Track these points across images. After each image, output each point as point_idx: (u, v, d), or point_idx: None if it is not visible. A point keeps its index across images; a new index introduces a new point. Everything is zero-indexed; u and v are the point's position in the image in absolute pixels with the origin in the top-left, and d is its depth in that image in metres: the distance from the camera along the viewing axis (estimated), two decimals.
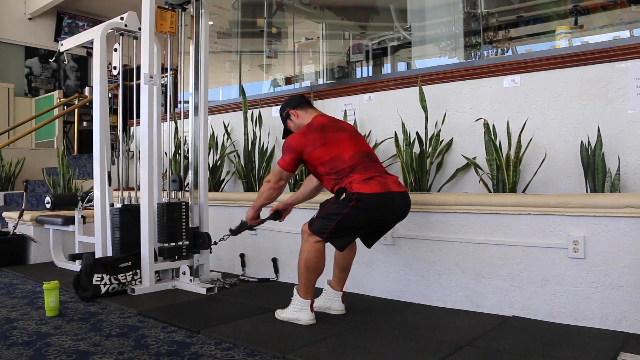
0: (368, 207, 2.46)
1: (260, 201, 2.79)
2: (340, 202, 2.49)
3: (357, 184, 2.48)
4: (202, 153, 3.58)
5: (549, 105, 3.00)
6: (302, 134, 2.68)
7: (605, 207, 2.45)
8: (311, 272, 2.52)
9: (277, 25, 5.89)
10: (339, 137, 2.64)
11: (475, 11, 4.30)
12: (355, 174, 2.52)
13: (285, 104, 2.88)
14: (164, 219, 3.38)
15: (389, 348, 2.23)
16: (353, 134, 2.74)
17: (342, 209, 2.46)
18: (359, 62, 5.33)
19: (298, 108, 2.81)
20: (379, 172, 2.59)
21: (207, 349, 2.23)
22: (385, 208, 2.52)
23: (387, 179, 2.57)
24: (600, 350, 2.16)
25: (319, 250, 2.51)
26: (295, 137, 2.68)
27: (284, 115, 2.86)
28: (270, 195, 2.74)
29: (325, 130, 2.65)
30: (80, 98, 7.42)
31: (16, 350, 2.22)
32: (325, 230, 2.48)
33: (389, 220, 2.63)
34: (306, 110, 2.81)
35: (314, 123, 2.71)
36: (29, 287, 3.55)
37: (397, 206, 2.57)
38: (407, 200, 2.62)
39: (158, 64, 3.61)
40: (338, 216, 2.46)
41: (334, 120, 2.78)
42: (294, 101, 2.86)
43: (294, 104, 2.84)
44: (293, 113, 2.81)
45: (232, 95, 5.60)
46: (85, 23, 8.54)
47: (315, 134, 2.64)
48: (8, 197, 6.18)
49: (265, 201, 2.79)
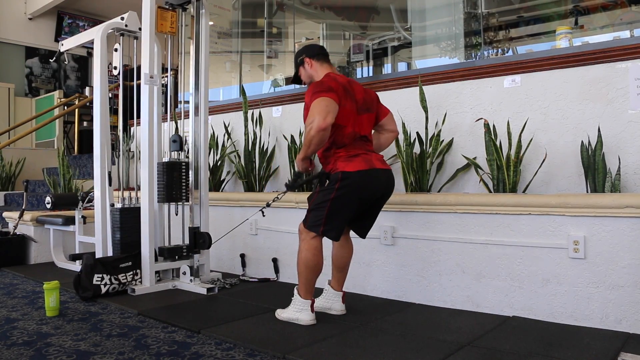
0: (354, 185, 2.49)
1: (312, 147, 2.48)
2: (326, 188, 2.53)
3: (342, 162, 2.52)
4: (202, 153, 3.58)
5: (550, 106, 2.99)
6: (334, 81, 2.55)
7: (606, 207, 2.45)
8: (310, 271, 2.53)
9: (277, 25, 5.89)
10: (349, 109, 2.57)
11: (475, 11, 4.30)
12: (343, 149, 2.55)
13: (303, 50, 2.80)
14: (164, 178, 3.38)
15: (390, 348, 2.23)
16: (359, 110, 2.62)
17: (329, 194, 2.49)
18: (359, 62, 5.32)
19: (314, 58, 2.74)
20: (365, 150, 2.60)
21: (208, 349, 2.23)
22: (370, 184, 2.55)
23: (372, 156, 2.59)
24: (600, 351, 2.16)
25: (316, 247, 2.52)
26: (332, 82, 2.54)
27: (298, 60, 2.79)
28: (322, 137, 2.43)
29: (347, 93, 2.57)
30: (80, 98, 7.42)
31: (16, 350, 2.22)
32: (319, 220, 2.49)
33: (375, 197, 2.62)
34: (321, 64, 2.74)
35: (340, 79, 2.61)
36: (29, 287, 3.55)
37: (382, 182, 2.60)
38: (391, 177, 2.65)
39: (158, 64, 3.61)
40: (327, 202, 2.48)
41: (350, 84, 2.66)
42: (312, 50, 2.77)
43: (311, 53, 2.75)
44: (308, 61, 2.74)
45: (233, 95, 5.61)
46: (85, 23, 8.54)
47: (342, 91, 2.54)
48: (8, 197, 6.18)
49: (317, 146, 2.49)
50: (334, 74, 2.68)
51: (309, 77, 2.76)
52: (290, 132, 4.00)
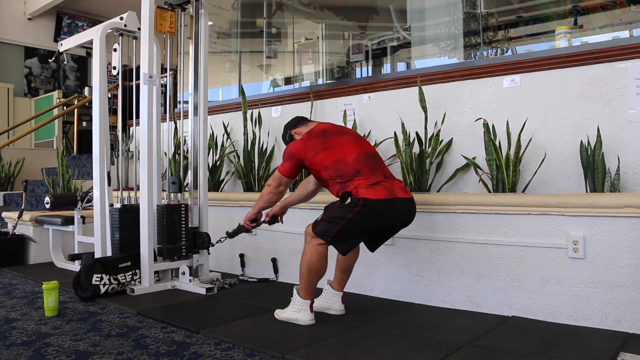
0: (373, 213, 2.44)
1: (260, 204, 2.81)
2: (346, 206, 2.47)
3: (363, 189, 2.45)
4: (201, 153, 3.58)
5: (549, 105, 3.00)
6: (303, 140, 2.67)
7: (605, 207, 2.45)
8: (313, 275, 2.52)
9: (276, 25, 5.88)
10: (341, 140, 2.62)
11: (474, 11, 4.30)
12: (360, 178, 2.49)
13: (284, 129, 2.88)
14: (164, 221, 3.38)
15: (389, 348, 2.23)
16: (356, 137, 2.73)
17: (347, 214, 2.44)
18: (358, 62, 5.32)
19: (298, 126, 2.80)
20: (384, 177, 2.56)
21: (207, 349, 2.23)
22: (390, 214, 2.51)
23: (393, 184, 2.54)
24: (600, 350, 2.16)
25: (321, 253, 2.50)
26: (296, 144, 2.67)
27: (287, 138, 2.85)
28: (269, 199, 2.76)
29: (327, 135, 2.64)
30: (79, 98, 7.42)
31: (15, 350, 2.22)
32: (329, 233, 2.47)
33: (394, 227, 2.61)
34: (306, 125, 2.79)
35: (315, 129, 2.70)
36: (28, 287, 3.55)
37: (402, 213, 2.56)
38: (413, 206, 2.60)
39: (158, 64, 3.61)
40: (342, 220, 2.44)
41: (335, 126, 2.78)
42: (292, 122, 2.86)
43: (292, 125, 2.84)
44: (295, 132, 2.80)
45: (232, 95, 5.60)
46: (84, 23, 8.53)
47: (316, 139, 2.63)
48: (7, 197, 6.18)
49: (265, 204, 2.81)
50: (321, 123, 2.79)
51: None
52: None
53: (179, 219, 3.43)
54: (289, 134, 2.84)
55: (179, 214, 3.44)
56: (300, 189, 2.91)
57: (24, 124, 7.11)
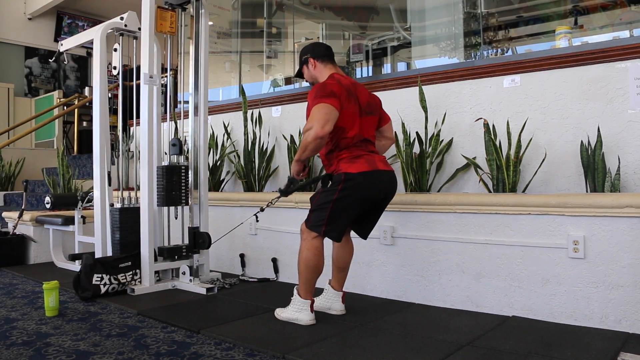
0: (357, 186, 2.49)
1: (307, 153, 2.50)
2: (329, 189, 2.52)
3: (345, 163, 2.51)
4: (202, 153, 3.58)
5: (549, 105, 2.99)
6: (338, 84, 2.53)
7: (605, 207, 2.45)
8: (310, 271, 2.52)
9: (277, 25, 5.88)
10: (352, 111, 2.56)
11: (475, 11, 4.30)
12: (346, 151, 2.54)
13: (308, 48, 2.76)
14: (164, 182, 3.37)
15: (389, 348, 2.23)
16: (362, 113, 2.61)
17: (332, 195, 2.48)
18: (359, 62, 5.32)
19: (319, 59, 2.71)
20: (368, 151, 2.59)
21: (207, 349, 2.23)
22: (373, 186, 2.55)
23: (374, 157, 2.58)
24: (600, 350, 2.16)
25: (317, 248, 2.51)
26: (335, 85, 2.52)
27: (302, 59, 2.76)
28: (317, 145, 2.44)
29: (350, 96, 2.55)
30: (80, 98, 7.42)
31: (16, 350, 2.22)
32: (321, 221, 2.49)
33: (378, 198, 2.61)
34: (325, 65, 2.71)
35: (343, 81, 2.58)
36: (28, 287, 3.55)
37: (384, 184, 2.59)
38: (394, 178, 2.65)
39: (158, 64, 3.61)
40: (329, 203, 2.48)
41: (355, 86, 2.64)
42: (318, 51, 2.73)
43: (316, 53, 2.72)
44: (312, 62, 2.72)
45: (232, 95, 5.60)
46: (85, 23, 8.53)
47: (346, 93, 2.52)
48: (8, 197, 6.18)
49: (312, 153, 2.51)
50: (338, 75, 2.66)
51: (311, 78, 2.75)
52: (290, 132, 4.00)
53: (179, 180, 3.43)
54: (307, 57, 2.72)
55: (179, 175, 3.43)
56: None
57: (25, 124, 7.11)
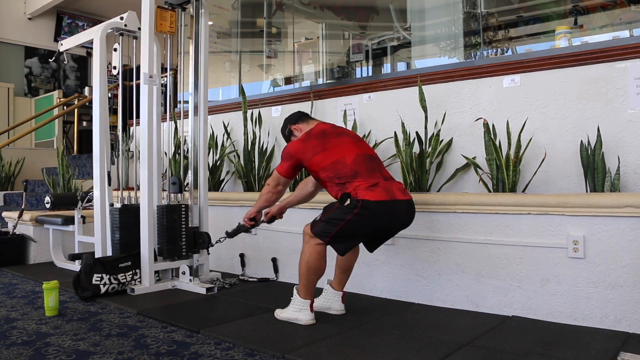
0: (372, 215, 2.43)
1: (259, 203, 2.84)
2: (345, 207, 2.45)
3: (362, 191, 2.44)
4: (201, 153, 3.58)
5: (549, 105, 3.00)
6: (302, 140, 2.67)
7: (605, 206, 2.45)
8: (312, 274, 2.52)
9: (276, 25, 5.89)
10: (340, 142, 2.62)
11: (475, 11, 4.30)
12: (359, 180, 2.48)
13: (284, 123, 2.87)
14: (164, 222, 3.38)
15: (389, 348, 2.23)
16: (355, 139, 2.72)
17: (346, 215, 2.43)
18: (358, 62, 5.33)
19: (298, 122, 2.79)
20: (383, 178, 2.55)
21: (207, 349, 2.23)
22: (389, 216, 2.50)
23: (392, 186, 2.53)
24: (600, 350, 2.16)
25: (320, 252, 2.50)
26: (295, 144, 2.67)
27: (286, 133, 2.84)
28: (269, 198, 2.79)
29: (326, 136, 2.64)
30: (80, 98, 7.43)
31: (16, 350, 2.22)
32: (327, 234, 2.46)
33: (393, 229, 2.61)
34: (307, 122, 2.79)
35: (314, 130, 2.70)
36: (28, 287, 3.55)
37: (402, 214, 2.55)
38: (412, 208, 2.59)
39: (158, 64, 3.61)
40: (341, 222, 2.43)
41: (335, 127, 2.77)
42: (293, 117, 2.85)
43: (293, 120, 2.83)
44: (295, 128, 2.79)
45: (232, 95, 5.60)
46: (85, 23, 8.53)
47: (315, 140, 2.63)
48: (8, 197, 6.18)
49: (264, 204, 2.84)
50: (321, 123, 2.78)
51: None
52: None
53: (179, 220, 3.43)
54: (289, 128, 2.82)
55: (179, 214, 3.44)
56: (299, 190, 2.92)
57: (24, 124, 7.11)
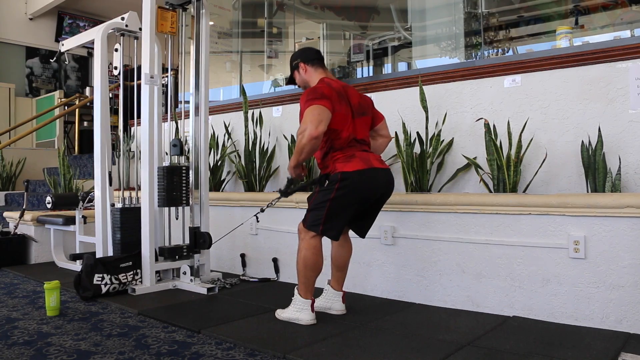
0: (353, 185, 2.49)
1: (303, 156, 2.50)
2: (325, 188, 2.53)
3: (340, 164, 2.52)
4: (202, 153, 3.58)
5: (550, 105, 2.99)
6: (328, 87, 2.56)
7: (606, 207, 2.45)
8: (309, 270, 2.53)
9: (277, 25, 5.89)
10: (344, 113, 2.57)
11: (475, 11, 4.30)
12: (338, 152, 2.56)
13: (298, 53, 2.80)
14: (165, 182, 3.37)
15: (390, 348, 2.23)
16: (354, 114, 2.62)
17: (329, 194, 2.49)
18: (359, 62, 5.32)
19: (309, 63, 2.73)
20: (362, 150, 2.59)
21: (208, 349, 2.24)
22: (369, 184, 2.55)
23: (369, 156, 2.59)
24: (601, 351, 2.16)
25: (315, 247, 2.52)
26: (325, 88, 2.55)
27: (293, 64, 2.79)
28: (313, 145, 2.44)
29: (341, 99, 2.57)
30: (81, 98, 7.44)
31: (17, 349, 2.22)
32: (318, 221, 2.50)
33: (375, 196, 2.62)
34: (316, 69, 2.73)
35: (333, 84, 2.61)
36: (29, 287, 3.55)
37: (381, 181, 2.60)
38: (391, 177, 2.65)
39: (159, 64, 3.61)
40: (327, 202, 2.49)
41: (345, 88, 2.67)
42: (307, 55, 2.76)
43: (306, 57, 2.75)
44: (302, 67, 2.74)
45: (233, 95, 5.60)
46: (86, 23, 8.54)
47: (337, 96, 2.55)
48: (9, 197, 6.19)
49: (308, 155, 2.50)
50: (328, 79, 2.69)
51: (303, 82, 2.77)
52: (291, 132, 4.00)
53: (180, 181, 3.43)
54: (297, 63, 2.76)
55: (180, 175, 3.43)
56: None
57: (26, 124, 7.13)
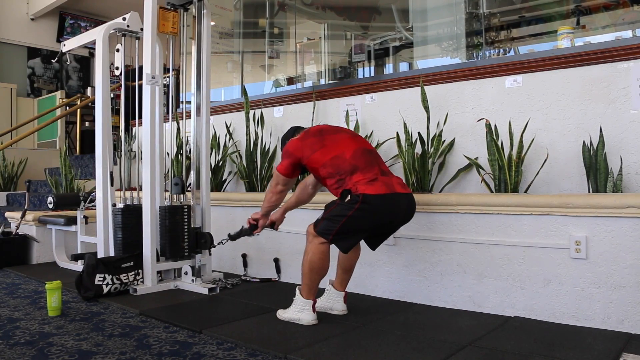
0: (373, 209, 2.45)
1: (264, 206, 2.86)
2: (346, 204, 2.47)
3: (362, 186, 2.46)
4: (204, 153, 3.58)
5: (551, 106, 2.99)
6: (300, 139, 2.71)
7: (608, 207, 2.45)
8: (315, 274, 2.52)
9: (279, 25, 5.89)
10: (338, 138, 2.64)
11: (477, 11, 4.30)
12: (358, 174, 2.50)
13: (282, 142, 2.92)
14: (167, 223, 3.39)
15: (391, 348, 2.23)
16: (352, 134, 2.76)
17: (347, 211, 2.45)
18: (360, 63, 5.32)
19: (295, 134, 2.84)
20: (381, 172, 2.57)
21: (209, 349, 2.24)
22: (390, 210, 2.51)
23: (392, 180, 2.56)
24: (602, 351, 2.16)
25: (323, 252, 2.50)
26: (293, 143, 2.71)
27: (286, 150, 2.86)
28: (270, 198, 2.80)
29: (323, 134, 2.68)
30: (82, 98, 7.43)
31: (19, 349, 2.23)
32: (330, 231, 2.47)
33: (394, 223, 2.61)
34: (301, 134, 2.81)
35: (312, 129, 2.76)
36: (31, 287, 3.56)
37: (402, 208, 2.56)
38: (413, 202, 2.61)
39: (160, 65, 3.61)
40: (343, 218, 2.45)
41: (332, 126, 2.82)
42: (289, 133, 2.92)
43: (290, 135, 2.88)
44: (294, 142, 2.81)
45: (234, 95, 5.61)
46: (87, 23, 8.55)
47: (313, 137, 2.67)
48: (11, 197, 6.19)
49: (268, 205, 2.84)
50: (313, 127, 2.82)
51: None
52: None
53: (182, 220, 3.44)
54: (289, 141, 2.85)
55: (182, 215, 3.45)
56: (298, 191, 2.93)
57: (27, 124, 7.13)
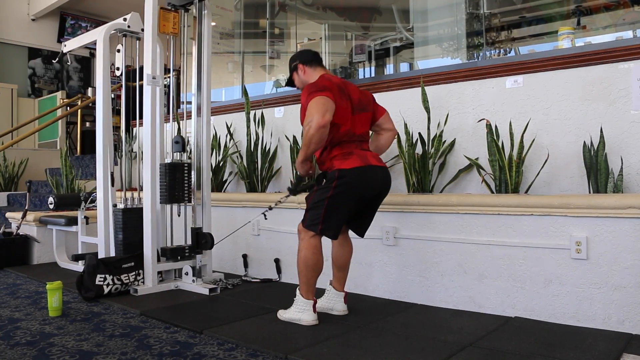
0: (351, 183, 2.50)
1: (312, 147, 2.46)
2: (323, 187, 2.53)
3: (337, 161, 2.53)
4: (204, 154, 3.58)
5: (552, 106, 2.99)
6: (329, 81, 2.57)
7: (608, 207, 2.45)
8: (310, 270, 2.53)
9: (279, 26, 5.89)
10: (344, 108, 2.58)
11: (477, 12, 4.30)
12: (337, 148, 2.56)
13: (296, 55, 2.83)
14: (167, 179, 3.38)
15: (392, 349, 2.23)
16: (354, 110, 2.62)
17: (327, 193, 2.50)
18: (361, 63, 5.32)
19: (307, 65, 2.75)
20: (360, 148, 2.60)
21: (210, 349, 2.24)
22: (366, 181, 2.55)
23: (366, 153, 2.61)
24: (603, 352, 2.15)
25: (315, 246, 2.53)
26: (326, 82, 2.56)
27: (292, 66, 2.81)
28: (321, 135, 2.41)
29: (342, 94, 2.58)
30: (83, 99, 7.44)
31: (19, 350, 2.23)
32: (317, 220, 2.50)
33: (372, 194, 2.62)
34: (314, 69, 2.75)
35: (333, 79, 2.63)
36: (32, 287, 3.56)
37: (378, 179, 2.60)
38: (387, 175, 2.66)
39: (161, 65, 3.61)
40: (325, 201, 2.50)
41: (345, 84, 2.68)
42: (306, 56, 2.79)
43: (304, 59, 2.77)
44: (301, 68, 2.76)
45: (235, 95, 5.62)
46: (88, 24, 8.56)
47: (337, 90, 2.55)
48: (11, 198, 6.20)
49: (317, 145, 2.46)
50: (327, 75, 2.71)
51: (302, 84, 2.77)
52: (292, 133, 4.00)
53: (182, 178, 3.43)
54: (296, 64, 2.77)
55: (182, 172, 3.44)
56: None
57: (28, 125, 7.13)
